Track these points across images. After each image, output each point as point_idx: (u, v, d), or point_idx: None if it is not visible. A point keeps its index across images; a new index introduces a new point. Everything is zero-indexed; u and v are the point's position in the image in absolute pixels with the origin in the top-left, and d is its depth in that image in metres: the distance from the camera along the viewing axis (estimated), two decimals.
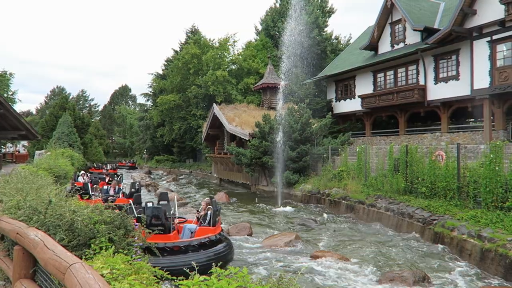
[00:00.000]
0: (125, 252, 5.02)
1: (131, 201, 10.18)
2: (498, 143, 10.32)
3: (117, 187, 15.92)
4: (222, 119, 27.71)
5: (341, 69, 28.96)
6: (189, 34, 46.08)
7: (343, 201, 15.87)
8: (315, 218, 14.91)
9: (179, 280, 2.84)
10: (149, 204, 8.82)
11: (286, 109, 24.49)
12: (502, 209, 9.57)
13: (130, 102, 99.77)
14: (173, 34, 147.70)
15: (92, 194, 13.89)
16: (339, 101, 30.12)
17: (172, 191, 24.65)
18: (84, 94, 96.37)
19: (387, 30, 25.69)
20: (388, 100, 24.47)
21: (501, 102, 19.16)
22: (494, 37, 18.42)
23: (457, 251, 9.63)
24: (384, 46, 25.93)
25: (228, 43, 40.26)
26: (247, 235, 12.24)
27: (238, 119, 26.78)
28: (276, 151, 21.55)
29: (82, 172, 22.41)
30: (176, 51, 46.50)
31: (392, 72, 25.25)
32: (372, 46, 26.64)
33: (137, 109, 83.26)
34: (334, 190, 16.84)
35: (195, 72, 38.15)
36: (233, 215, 16.40)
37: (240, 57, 39.13)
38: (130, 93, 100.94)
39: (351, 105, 28.54)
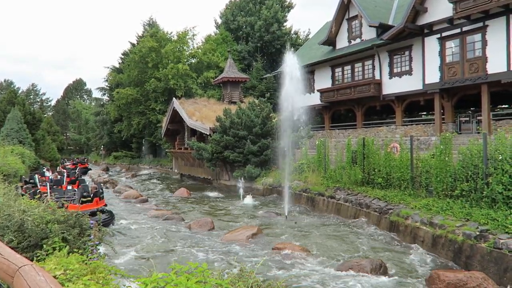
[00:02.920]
0: (80, 251, 4.85)
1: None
2: (447, 135, 10.86)
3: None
4: (182, 114, 27.30)
5: (300, 63, 29.30)
6: (146, 26, 44.89)
7: (304, 193, 16.15)
8: (277, 211, 15.08)
9: (137, 277, 2.77)
10: None
11: (247, 103, 24.51)
12: (452, 197, 10.09)
13: (85, 96, 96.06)
14: (130, 26, 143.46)
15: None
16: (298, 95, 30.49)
17: (132, 187, 24.05)
18: (35, 88, 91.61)
19: (344, 26, 26.27)
20: (346, 94, 25.10)
21: (450, 96, 20.17)
22: (444, 34, 19.32)
23: (411, 238, 10.08)
24: (342, 42, 26.52)
25: (187, 37, 39.63)
26: (209, 230, 12.18)
27: (199, 114, 26.50)
28: (238, 145, 21.52)
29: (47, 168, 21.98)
30: (133, 44, 45.15)
31: (349, 67, 25.90)
32: (330, 41, 27.17)
33: (93, 103, 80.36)
34: (295, 183, 17.09)
35: (154, 65, 37.27)
36: (194, 211, 16.26)
37: (200, 51, 38.64)
38: (85, 87, 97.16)
39: (311, 99, 29.01)
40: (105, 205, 13.70)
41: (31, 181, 17.27)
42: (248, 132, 21.21)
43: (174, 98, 30.20)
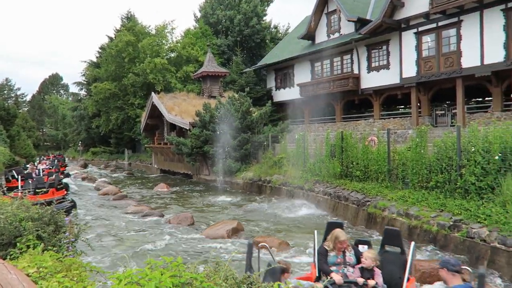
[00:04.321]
0: (55, 249, 4.76)
1: None
2: (423, 128, 11.10)
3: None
4: (161, 109, 27.00)
5: (280, 58, 29.39)
6: (124, 20, 44.04)
7: (284, 187, 16.26)
8: (257, 205, 15.15)
9: (112, 273, 2.74)
10: None
11: (227, 97, 24.43)
12: (427, 189, 10.34)
13: (62, 91, 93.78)
14: (107, 19, 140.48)
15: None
16: (279, 90, 30.61)
17: (110, 183, 23.72)
18: (9, 83, 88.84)
19: (324, 20, 26.41)
20: (325, 89, 25.29)
21: (427, 90, 20.59)
22: (420, 28, 19.65)
23: None
24: (321, 36, 26.65)
25: (166, 30, 39.10)
26: (189, 225, 12.14)
27: (178, 108, 26.25)
28: (217, 140, 21.48)
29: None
30: (111, 38, 44.25)
31: (328, 61, 26.08)
32: (310, 35, 27.27)
33: (70, 99, 78.55)
34: (275, 177, 17.18)
35: (131, 60, 36.64)
36: (174, 206, 16.16)
37: (179, 44, 38.19)
38: (62, 82, 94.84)
39: (290, 94, 29.15)
40: (66, 194, 15.72)
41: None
42: (228, 126, 21.17)
43: (153, 92, 29.82)
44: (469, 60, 17.73)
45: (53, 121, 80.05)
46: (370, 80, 23.18)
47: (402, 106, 29.08)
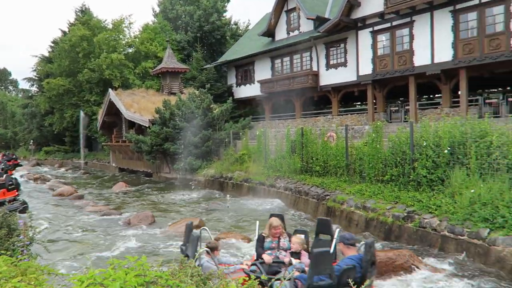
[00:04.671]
0: (9, 253, 4.56)
1: None
2: (378, 123, 11.55)
3: None
4: (119, 106, 26.26)
5: (240, 54, 29.42)
6: (78, 13, 42.27)
7: (245, 183, 16.36)
8: (219, 202, 15.15)
9: (73, 275, 2.68)
10: None
11: (187, 94, 24.16)
12: (383, 182, 10.78)
13: (10, 87, 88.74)
14: (60, 12, 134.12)
15: None
16: (240, 86, 30.66)
17: (66, 184, 22.82)
18: None
19: (283, 18, 26.71)
20: (285, 85, 25.64)
21: (382, 87, 21.39)
22: (376, 28, 20.37)
23: (347, 222, 10.64)
24: (281, 33, 26.95)
25: (123, 25, 37.95)
26: (150, 223, 11.95)
27: (137, 105, 25.65)
28: (178, 137, 21.21)
29: None
30: (64, 32, 42.33)
31: (288, 58, 26.43)
32: (270, 32, 27.51)
33: (20, 95, 74.49)
34: (237, 173, 17.24)
35: (86, 55, 35.28)
36: (134, 205, 15.83)
37: (137, 40, 37.21)
38: (11, 78, 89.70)
39: (251, 90, 29.29)
40: (17, 195, 15.36)
41: None
42: (189, 123, 20.96)
43: (110, 89, 28.92)
44: (421, 58, 18.60)
45: (1, 119, 75.66)
46: (329, 77, 23.75)
47: (359, 103, 30.05)
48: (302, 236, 5.80)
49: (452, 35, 17.47)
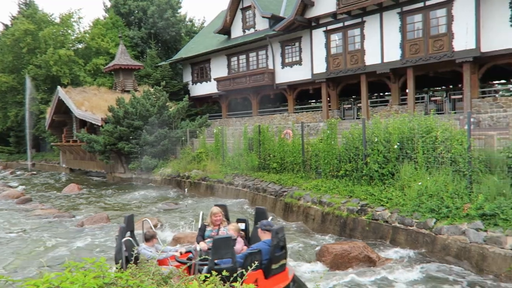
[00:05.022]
0: None
1: None
2: (333, 121, 11.90)
3: None
4: (69, 104, 25.13)
5: (196, 52, 29.12)
6: (22, 6, 39.90)
7: (203, 182, 16.27)
8: (176, 201, 14.96)
9: (27, 281, 2.57)
10: None
11: (141, 92, 23.58)
12: (337, 177, 11.12)
13: None
14: (1, 4, 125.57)
15: None
16: (196, 84, 30.35)
17: (11, 187, 21.55)
18: None
19: (239, 16, 26.74)
20: (241, 83, 25.71)
21: (335, 85, 22.02)
22: (329, 27, 20.91)
23: (304, 217, 10.89)
24: (237, 31, 26.97)
25: (72, 19, 36.29)
26: (104, 225, 11.58)
27: (88, 103, 24.66)
28: (133, 136, 20.66)
29: None
30: (6, 26, 39.81)
31: (244, 56, 26.51)
32: (225, 30, 27.44)
33: None
34: (194, 172, 17.10)
35: (31, 50, 33.37)
36: (87, 207, 15.25)
37: (87, 35, 35.74)
38: None
39: (208, 88, 29.09)
40: None
41: None
42: (144, 122, 20.48)
43: (58, 86, 27.58)
44: (372, 58, 19.35)
45: None
46: (284, 76, 24.10)
47: (314, 101, 30.75)
48: (239, 224, 6.08)
49: (400, 35, 18.32)
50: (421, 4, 17.57)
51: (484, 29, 16.23)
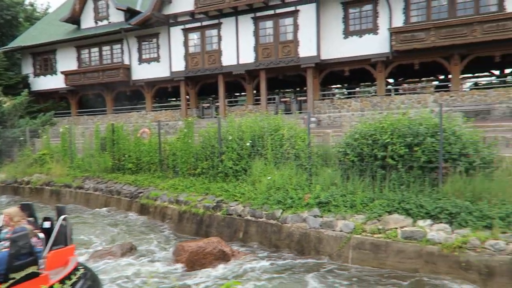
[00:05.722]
0: None
1: None
2: (190, 119, 11.93)
3: None
4: None
5: (39, 40, 25.82)
6: None
7: (47, 187, 14.52)
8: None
9: None
10: None
11: None
12: (195, 176, 11.20)
13: None
14: None
15: None
16: (38, 77, 26.94)
17: None
18: None
19: (90, 5, 24.68)
20: (93, 78, 23.84)
21: (194, 84, 22.16)
22: (187, 26, 20.90)
23: (161, 217, 10.65)
24: (88, 21, 24.83)
25: None
26: None
27: None
28: None
29: None
30: None
31: (97, 49, 24.64)
32: (74, 19, 25.00)
33: None
34: (35, 177, 15.14)
35: None
36: None
37: None
38: None
39: (53, 82, 26.11)
40: None
41: None
42: None
43: None
44: (228, 59, 20.05)
45: None
46: (142, 72, 23.22)
47: (174, 99, 30.43)
48: (45, 222, 5.93)
49: (254, 39, 19.41)
50: (272, 12, 18.92)
51: (323, 39, 18.37)
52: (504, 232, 6.32)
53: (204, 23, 20.50)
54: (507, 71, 24.75)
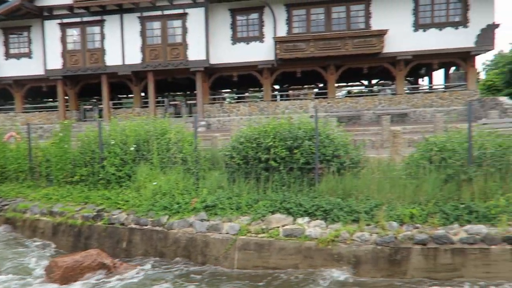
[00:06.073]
0: None
1: None
2: (66, 122, 10.94)
3: None
4: None
5: None
6: None
7: None
8: None
9: None
10: None
11: None
12: (72, 183, 10.28)
13: None
14: None
15: None
16: None
17: None
18: None
19: None
20: None
21: (74, 84, 20.44)
22: (65, 20, 19.21)
23: (31, 232, 9.52)
24: None
25: None
26: None
27: None
28: None
29: None
30: None
31: None
32: None
33: None
34: None
35: None
36: None
37: None
38: None
39: None
40: None
41: None
42: None
43: None
44: (113, 58, 18.97)
45: None
46: (10, 69, 20.61)
47: (51, 99, 27.67)
48: None
49: (141, 40, 18.70)
50: (159, 12, 18.45)
51: (212, 43, 18.54)
52: (369, 224, 7.10)
53: (85, 19, 19.08)
54: (373, 81, 28.05)
